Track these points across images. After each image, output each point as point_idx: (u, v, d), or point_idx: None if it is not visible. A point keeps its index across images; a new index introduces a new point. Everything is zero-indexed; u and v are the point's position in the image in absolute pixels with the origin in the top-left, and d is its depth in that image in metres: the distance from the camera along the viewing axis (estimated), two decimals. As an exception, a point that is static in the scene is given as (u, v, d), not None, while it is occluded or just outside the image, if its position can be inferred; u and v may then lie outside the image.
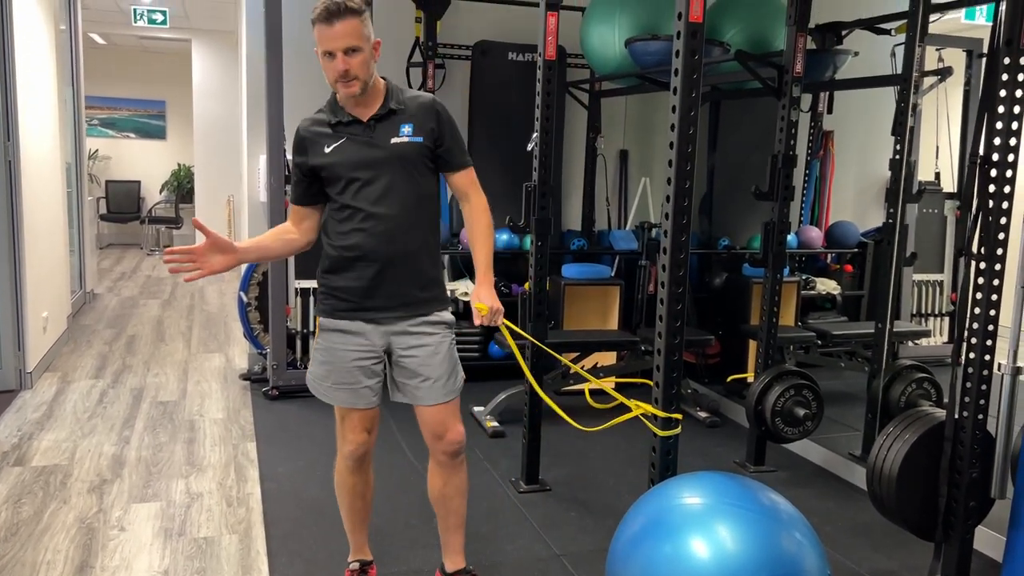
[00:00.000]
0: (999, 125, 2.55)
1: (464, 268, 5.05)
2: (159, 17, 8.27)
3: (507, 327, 2.45)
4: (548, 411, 3.21)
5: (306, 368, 4.65)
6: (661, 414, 2.37)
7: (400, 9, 4.97)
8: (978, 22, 6.00)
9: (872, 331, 4.70)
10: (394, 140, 2.25)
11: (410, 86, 5.04)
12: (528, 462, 3.41)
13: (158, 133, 11.64)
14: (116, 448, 3.79)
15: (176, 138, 11.61)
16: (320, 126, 2.29)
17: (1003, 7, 2.53)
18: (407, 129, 2.26)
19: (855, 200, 6.26)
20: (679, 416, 2.39)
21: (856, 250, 5.70)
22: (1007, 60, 2.52)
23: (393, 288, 2.28)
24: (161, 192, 11.50)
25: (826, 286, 5.56)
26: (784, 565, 1.99)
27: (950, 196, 5.89)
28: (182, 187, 11.30)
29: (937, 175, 5.86)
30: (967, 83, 5.69)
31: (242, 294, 4.82)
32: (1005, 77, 2.52)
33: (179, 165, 11.41)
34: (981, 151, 2.60)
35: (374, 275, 2.27)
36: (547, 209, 3.22)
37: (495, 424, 4.10)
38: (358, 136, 2.26)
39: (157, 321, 6.58)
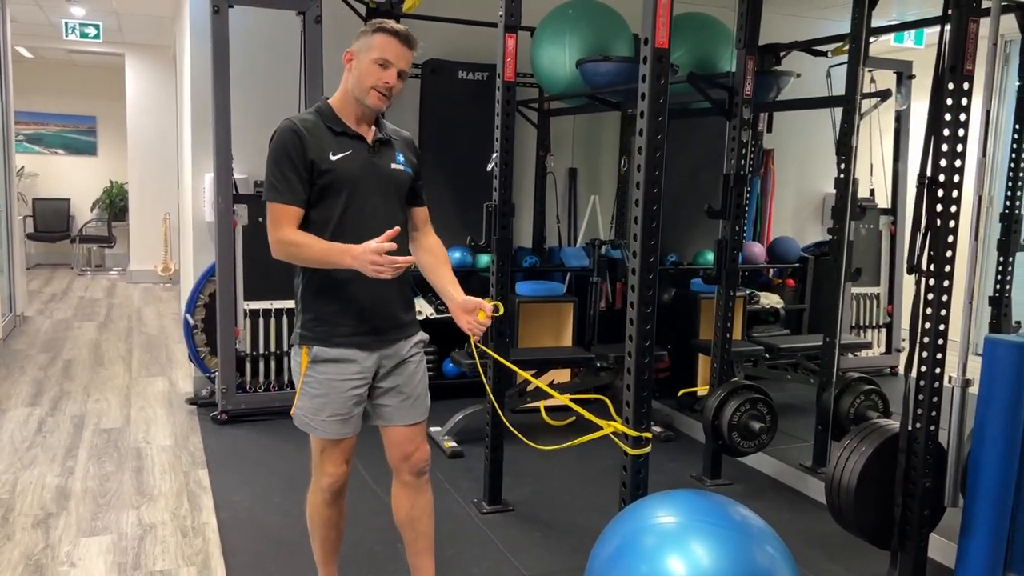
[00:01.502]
0: (945, 147, 2.66)
1: (417, 288, 5.01)
2: (92, 31, 8.04)
3: (478, 347, 2.47)
4: (508, 430, 3.22)
5: (256, 391, 4.57)
6: (632, 433, 2.39)
7: (348, 26, 4.93)
8: (906, 45, 6.26)
9: (817, 344, 4.84)
10: (392, 166, 2.32)
11: (359, 104, 5.02)
12: (490, 483, 3.39)
13: (88, 149, 11.30)
14: (60, 479, 3.65)
15: (108, 154, 11.28)
16: (318, 129, 2.21)
17: (947, 33, 2.65)
18: (401, 158, 2.34)
19: (794, 216, 6.45)
20: (649, 435, 2.41)
21: (797, 265, 5.86)
22: (951, 85, 2.63)
23: (386, 311, 2.29)
24: (92, 210, 11.14)
25: (770, 300, 5.69)
26: (760, 581, 2.02)
27: (884, 212, 6.10)
28: (114, 205, 10.97)
29: (872, 192, 6.06)
30: (883, 99, 5.91)
31: (188, 316, 4.70)
32: (950, 101, 2.64)
33: (111, 182, 11.08)
34: (929, 172, 2.71)
35: (369, 299, 2.26)
36: (508, 229, 3.23)
37: (453, 444, 4.07)
38: (363, 153, 2.26)
39: (94, 344, 6.36)
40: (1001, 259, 3.80)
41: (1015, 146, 3.71)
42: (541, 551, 3.08)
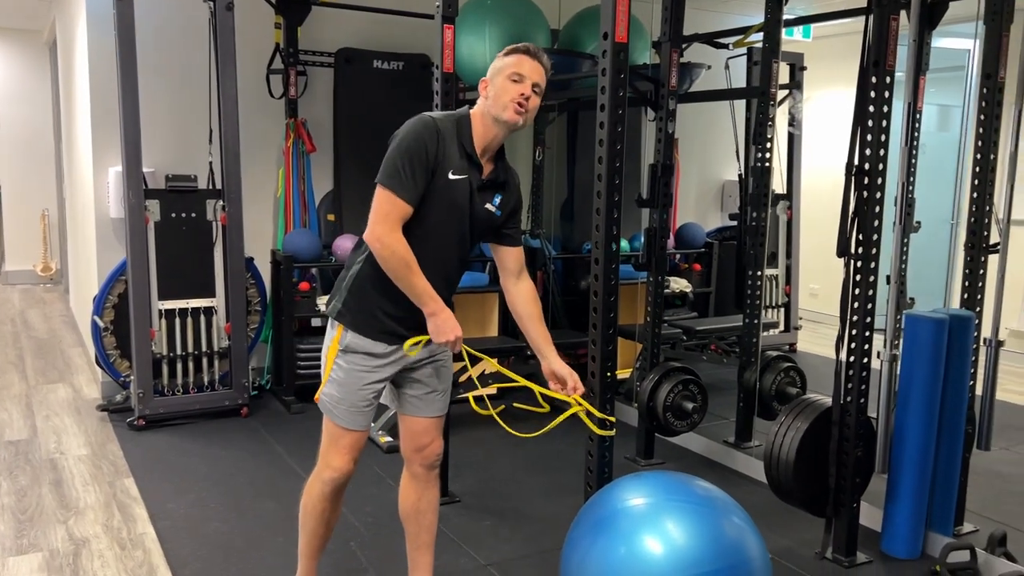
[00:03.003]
0: (869, 138, 2.83)
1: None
2: (-43, 14, 7.45)
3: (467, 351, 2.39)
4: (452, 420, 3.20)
5: (174, 394, 4.39)
6: (599, 415, 2.45)
7: (259, 14, 4.79)
8: (796, 38, 6.59)
9: (730, 325, 5.05)
10: (486, 205, 2.28)
11: (271, 94, 4.88)
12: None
13: (-51, 142, 10.44)
14: (-30, 497, 3.41)
15: (-29, 147, 10.46)
16: (452, 140, 2.18)
17: (871, 31, 2.82)
18: (497, 200, 2.29)
19: (696, 203, 6.69)
20: (614, 419, 2.48)
21: (703, 250, 6.09)
22: (875, 79, 2.81)
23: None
24: (-45, 207, 10.33)
25: (679, 284, 5.88)
26: (734, 550, 2.12)
27: (780, 198, 6.41)
28: (-18, 201, 10.20)
29: (768, 178, 6.35)
30: (789, 93, 6.22)
31: (96, 318, 4.45)
32: (873, 95, 2.81)
33: (-23, 177, 10.30)
34: (856, 161, 2.87)
35: (418, 309, 2.22)
36: (450, 221, 3.22)
37: (389, 439, 4.04)
38: (472, 184, 2.22)
39: (-22, 352, 5.94)
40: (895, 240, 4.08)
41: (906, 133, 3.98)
42: (494, 540, 3.11)
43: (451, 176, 2.18)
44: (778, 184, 6.33)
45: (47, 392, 4.93)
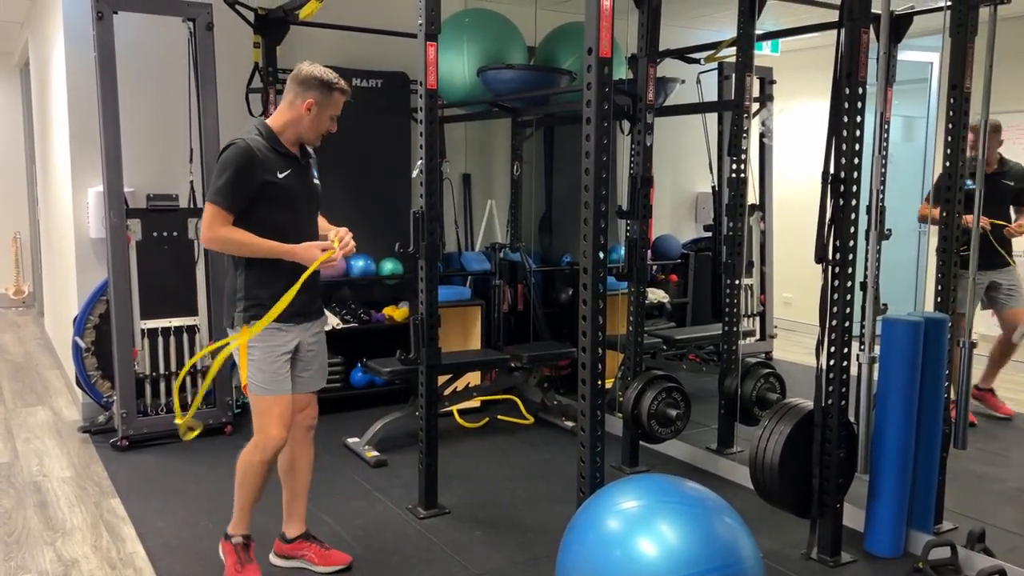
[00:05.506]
0: (844, 147, 2.92)
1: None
2: (-74, 36, 7.38)
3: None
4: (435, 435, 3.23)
5: (158, 414, 4.37)
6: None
7: (238, 34, 4.81)
8: (765, 52, 6.72)
9: (709, 334, 5.13)
10: (315, 180, 2.84)
11: (250, 113, 4.90)
12: (426, 488, 3.41)
13: (-85, 165, 10.30)
14: (-46, 522, 3.37)
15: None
16: (267, 151, 2.62)
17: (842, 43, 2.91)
18: (315, 173, 2.85)
19: (671, 215, 6.78)
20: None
21: (679, 261, 6.18)
22: (848, 91, 2.90)
23: (312, 296, 2.76)
24: (-78, 231, 10.17)
25: (656, 295, 5.96)
26: (727, 549, 2.18)
27: (753, 208, 6.52)
28: (-50, 225, 10.06)
29: (741, 189, 6.45)
30: (761, 106, 6.34)
31: (77, 339, 4.43)
32: (847, 106, 2.90)
33: (-55, 200, 10.16)
34: (832, 170, 2.96)
35: (303, 287, 2.62)
36: (436, 234, 3.27)
37: (375, 453, 4.05)
38: (299, 170, 2.74)
39: (-47, 376, 5.86)
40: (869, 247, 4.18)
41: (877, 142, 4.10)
42: (486, 550, 3.13)
43: (280, 175, 2.62)
44: (751, 195, 6.46)
45: (26, 415, 4.89)
